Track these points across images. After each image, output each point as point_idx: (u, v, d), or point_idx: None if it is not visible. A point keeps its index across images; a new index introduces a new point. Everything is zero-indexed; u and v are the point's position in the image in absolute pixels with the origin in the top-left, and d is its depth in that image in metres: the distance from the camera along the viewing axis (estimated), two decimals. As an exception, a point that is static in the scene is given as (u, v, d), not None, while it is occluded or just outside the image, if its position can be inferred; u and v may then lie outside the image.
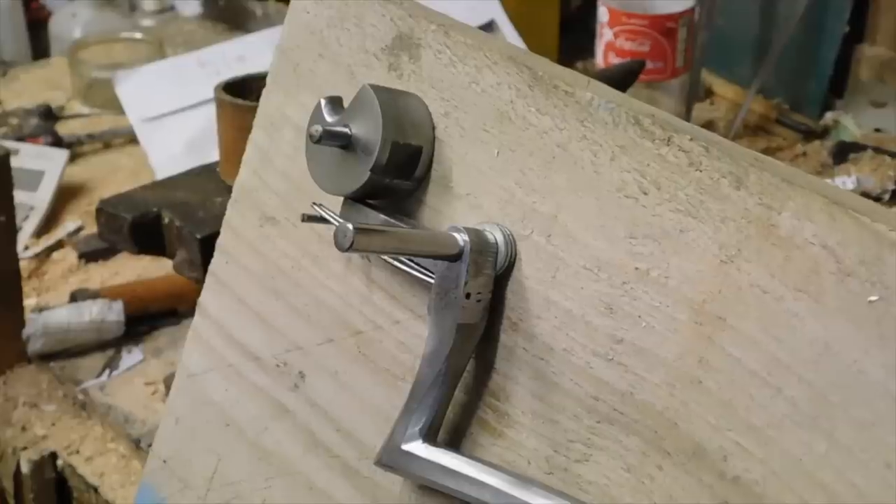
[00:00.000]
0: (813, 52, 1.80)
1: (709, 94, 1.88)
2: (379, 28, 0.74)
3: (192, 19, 2.17)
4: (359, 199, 0.71)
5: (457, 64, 0.70)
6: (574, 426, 0.64)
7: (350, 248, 0.60)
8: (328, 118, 0.71)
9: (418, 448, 0.67)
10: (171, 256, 1.12)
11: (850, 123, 1.76)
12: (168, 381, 1.34)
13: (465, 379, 0.68)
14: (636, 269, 0.61)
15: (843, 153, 1.69)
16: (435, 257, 0.65)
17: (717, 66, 1.87)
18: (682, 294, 0.60)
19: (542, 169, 0.66)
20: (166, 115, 1.63)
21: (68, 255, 1.55)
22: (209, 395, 0.83)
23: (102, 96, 1.82)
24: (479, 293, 0.65)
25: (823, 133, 1.78)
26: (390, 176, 0.69)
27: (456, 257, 0.65)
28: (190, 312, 1.46)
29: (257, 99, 1.17)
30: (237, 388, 0.81)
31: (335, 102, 0.72)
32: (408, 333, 0.72)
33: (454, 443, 0.69)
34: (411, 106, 0.71)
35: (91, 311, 1.37)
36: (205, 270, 1.09)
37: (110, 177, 1.70)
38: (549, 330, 0.65)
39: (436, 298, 0.66)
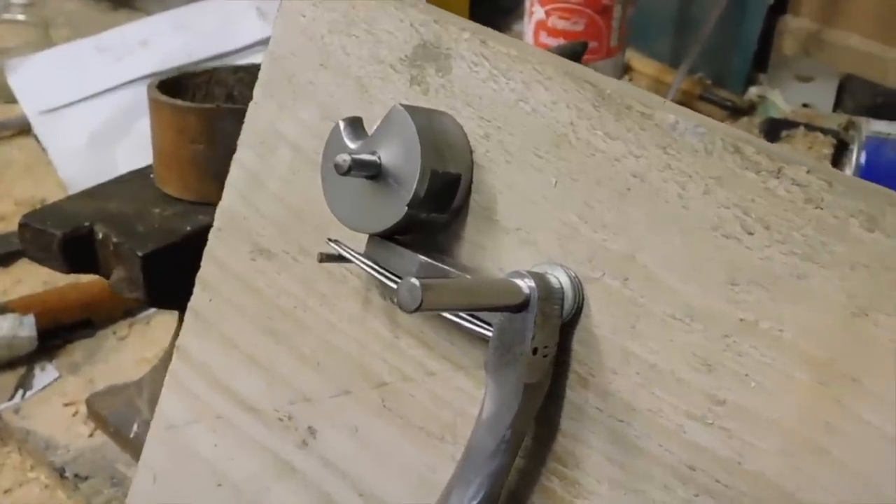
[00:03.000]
0: (736, 25, 1.74)
1: (627, 70, 1.81)
2: (396, 35, 0.65)
3: (70, -2, 2.03)
4: (387, 235, 0.62)
5: (498, 79, 0.61)
6: (664, 498, 0.56)
7: (418, 309, 0.51)
8: (350, 144, 0.61)
9: (475, 524, 0.58)
10: (106, 275, 1.01)
11: (778, 99, 1.71)
12: (91, 402, 1.22)
13: (525, 442, 0.59)
14: (740, 319, 0.53)
15: (775, 131, 1.63)
16: (499, 309, 0.56)
17: (636, 42, 1.80)
18: (801, 350, 0.52)
19: (613, 201, 0.57)
20: (65, 107, 1.50)
21: (-36, 263, 1.42)
22: (195, 450, 0.73)
23: (-16, 85, 1.68)
24: (545, 347, 0.57)
25: (750, 109, 1.73)
26: (427, 209, 0.60)
27: (520, 307, 0.56)
28: (105, 322, 1.35)
29: (194, 97, 1.07)
30: (230, 442, 0.71)
31: (355, 125, 0.62)
32: (446, 386, 0.63)
33: (512, 513, 0.60)
34: (446, 127, 0.62)
35: (1, 328, 1.24)
36: (147, 290, 0.98)
37: (3, 172, 1.56)
38: (630, 387, 0.57)
39: (495, 354, 0.57)
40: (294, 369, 0.69)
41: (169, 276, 0.99)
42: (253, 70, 1.10)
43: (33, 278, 1.40)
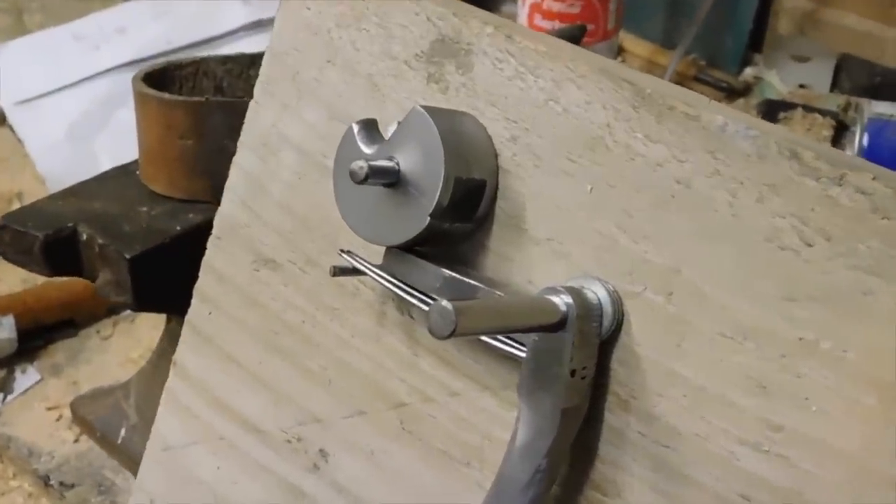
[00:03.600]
0: (730, 5, 1.69)
1: (620, 51, 1.76)
2: (411, 29, 0.60)
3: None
4: (406, 246, 0.57)
5: (525, 76, 0.56)
6: (716, 531, 0.52)
7: (452, 335, 0.47)
8: (365, 148, 0.57)
9: (508, 559, 0.53)
10: (92, 278, 0.96)
11: (774, 80, 1.67)
12: (75, 406, 1.17)
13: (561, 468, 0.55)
14: (799, 339, 0.49)
15: (773, 112, 1.59)
16: (534, 330, 0.52)
17: (627, 22, 1.75)
18: (867, 372, 0.48)
19: (655, 210, 0.53)
20: (42, 97, 1.44)
21: (-59, 262, 1.35)
22: (195, 473, 0.68)
23: (-44, 73, 1.61)
24: (584, 368, 0.53)
25: (745, 90, 1.69)
26: (451, 219, 0.56)
27: (557, 327, 0.52)
28: (88, 321, 1.30)
29: (181, 90, 1.02)
30: (233, 465, 0.67)
31: (370, 127, 0.58)
32: (470, 408, 0.58)
33: (545, 546, 0.56)
34: (469, 130, 0.57)
35: (-21, 330, 1.19)
36: (135, 293, 0.94)
37: (-22, 166, 1.50)
38: (675, 410, 0.52)
39: (529, 377, 0.53)
40: (302, 388, 0.64)
41: (158, 279, 0.94)
42: (242, 60, 1.05)
43: (12, 277, 1.35)
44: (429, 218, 0.55)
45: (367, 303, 0.62)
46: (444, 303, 0.47)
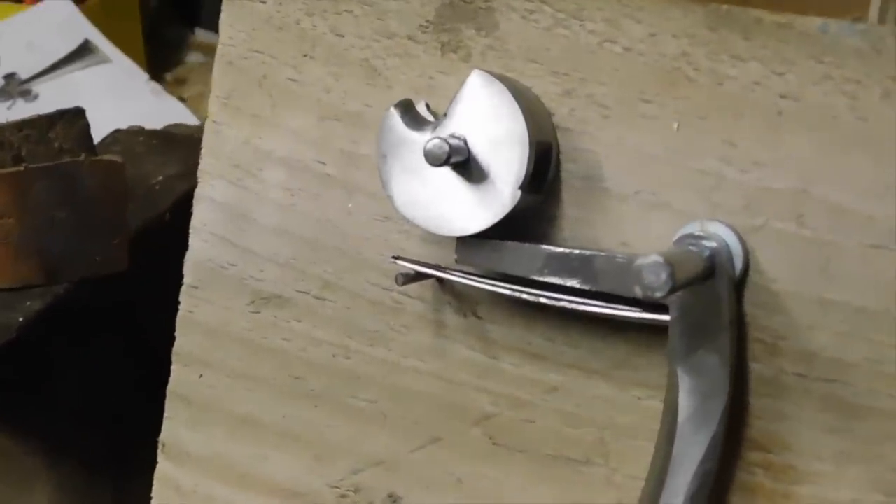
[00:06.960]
0: None
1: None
2: (408, 1, 0.53)
3: None
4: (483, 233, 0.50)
5: (569, 23, 0.51)
6: (912, 454, 0.48)
7: (673, 290, 0.41)
8: (416, 134, 0.50)
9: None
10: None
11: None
12: None
13: (710, 436, 0.49)
14: (968, 231, 0.46)
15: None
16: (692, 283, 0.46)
17: None
18: None
19: (763, 132, 0.48)
20: None
21: None
22: (222, 565, 0.58)
23: None
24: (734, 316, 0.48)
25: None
26: (532, 190, 0.49)
27: (704, 276, 0.47)
28: None
29: (15, 159, 0.88)
30: (272, 542, 0.57)
31: (410, 108, 0.51)
32: (579, 399, 0.52)
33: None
34: (522, 89, 0.51)
35: None
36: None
37: None
38: (835, 340, 0.48)
39: (681, 338, 0.47)
40: (350, 432, 0.56)
41: (11, 382, 0.81)
42: (40, 124, 0.92)
43: None
44: (519, 191, 0.48)
45: (416, 315, 0.54)
46: (654, 257, 0.41)
